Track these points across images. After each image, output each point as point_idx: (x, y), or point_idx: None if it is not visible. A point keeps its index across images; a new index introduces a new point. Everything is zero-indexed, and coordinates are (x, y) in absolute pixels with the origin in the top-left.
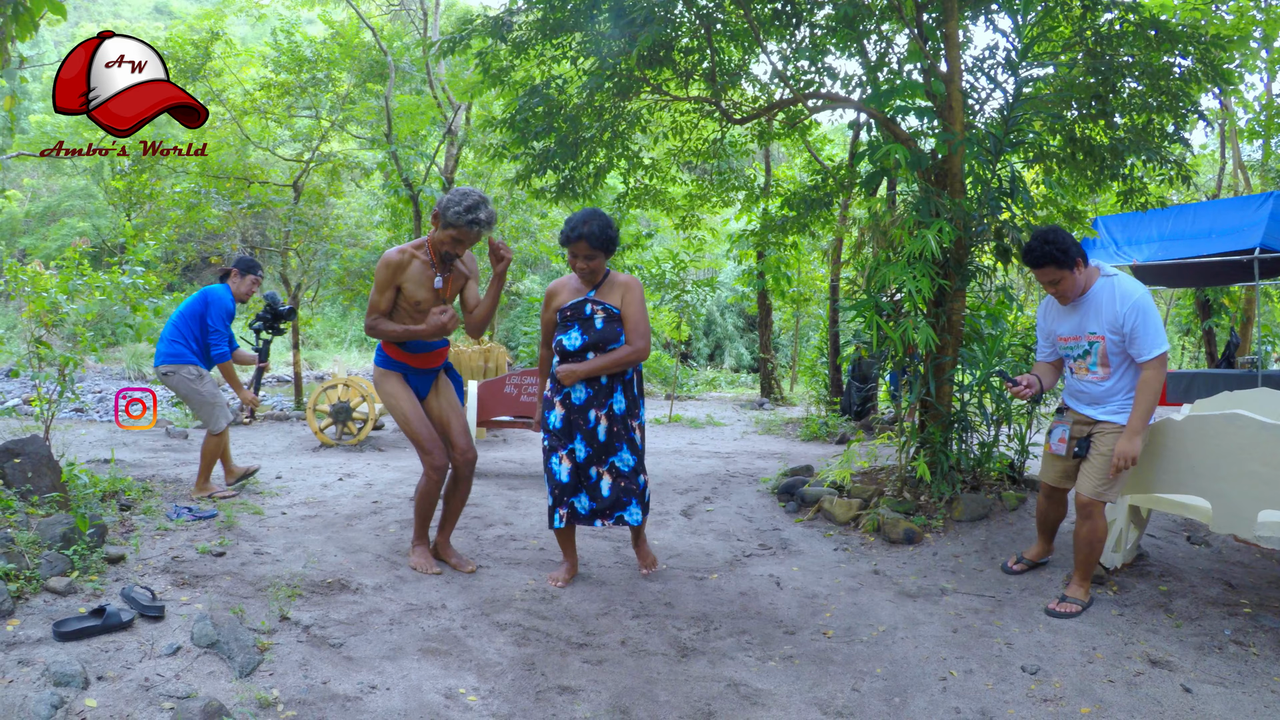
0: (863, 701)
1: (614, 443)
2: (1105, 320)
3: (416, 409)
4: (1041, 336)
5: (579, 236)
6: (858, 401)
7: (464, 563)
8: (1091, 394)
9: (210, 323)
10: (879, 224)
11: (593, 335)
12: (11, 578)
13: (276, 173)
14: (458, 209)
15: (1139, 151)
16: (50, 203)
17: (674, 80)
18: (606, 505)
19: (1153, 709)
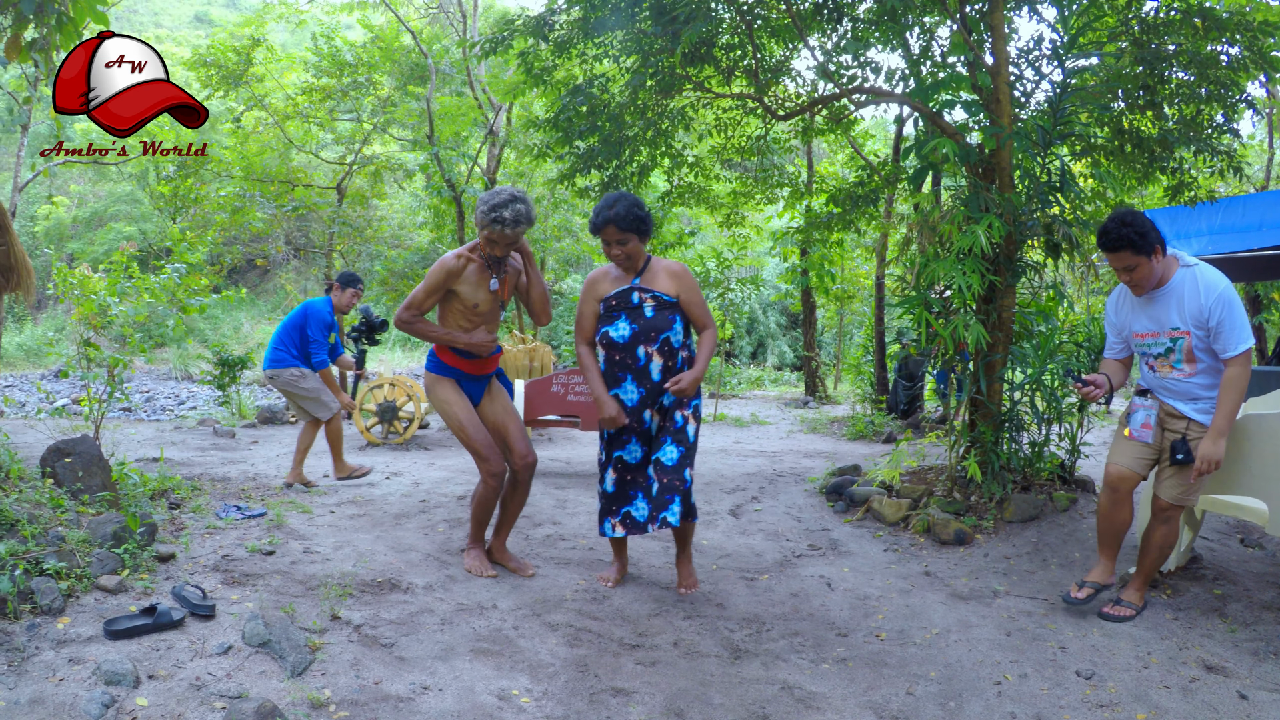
0: (918, 706)
1: (662, 437)
2: (1189, 314)
3: (471, 415)
4: (1111, 331)
5: (605, 221)
6: (904, 400)
7: (523, 566)
8: (1179, 391)
9: (310, 333)
10: (927, 219)
11: (642, 324)
12: (62, 576)
13: (320, 175)
14: (483, 208)
15: (1189, 143)
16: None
17: (716, 77)
18: (655, 507)
19: (1209, 716)
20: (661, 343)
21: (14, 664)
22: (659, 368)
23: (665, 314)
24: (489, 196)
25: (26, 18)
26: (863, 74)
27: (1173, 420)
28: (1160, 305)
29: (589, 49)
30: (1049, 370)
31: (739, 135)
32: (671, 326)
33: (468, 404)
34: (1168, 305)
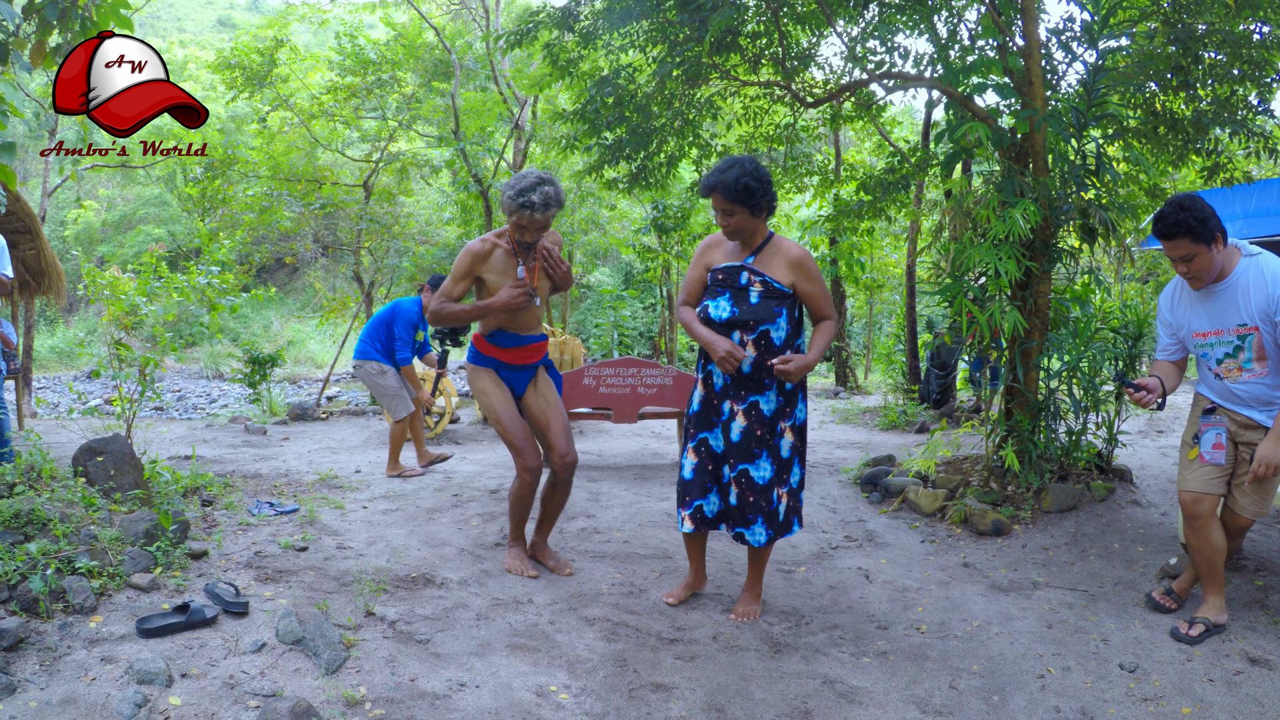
0: (961, 700)
1: (751, 447)
2: (1256, 307)
3: (508, 406)
4: (1165, 331)
5: (711, 187)
6: (937, 390)
7: (561, 565)
8: (1251, 396)
9: (395, 330)
10: (962, 205)
11: (743, 310)
12: (94, 574)
13: (346, 174)
14: (510, 194)
15: (1223, 124)
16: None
17: (742, 66)
18: (730, 514)
19: (1254, 710)
20: (760, 335)
21: (46, 664)
22: (751, 360)
23: (771, 304)
24: (515, 181)
25: (51, 24)
26: (890, 59)
27: (1247, 432)
28: (1222, 301)
29: (614, 40)
30: (1086, 357)
31: (767, 124)
32: (774, 320)
33: (506, 395)
34: (1231, 300)
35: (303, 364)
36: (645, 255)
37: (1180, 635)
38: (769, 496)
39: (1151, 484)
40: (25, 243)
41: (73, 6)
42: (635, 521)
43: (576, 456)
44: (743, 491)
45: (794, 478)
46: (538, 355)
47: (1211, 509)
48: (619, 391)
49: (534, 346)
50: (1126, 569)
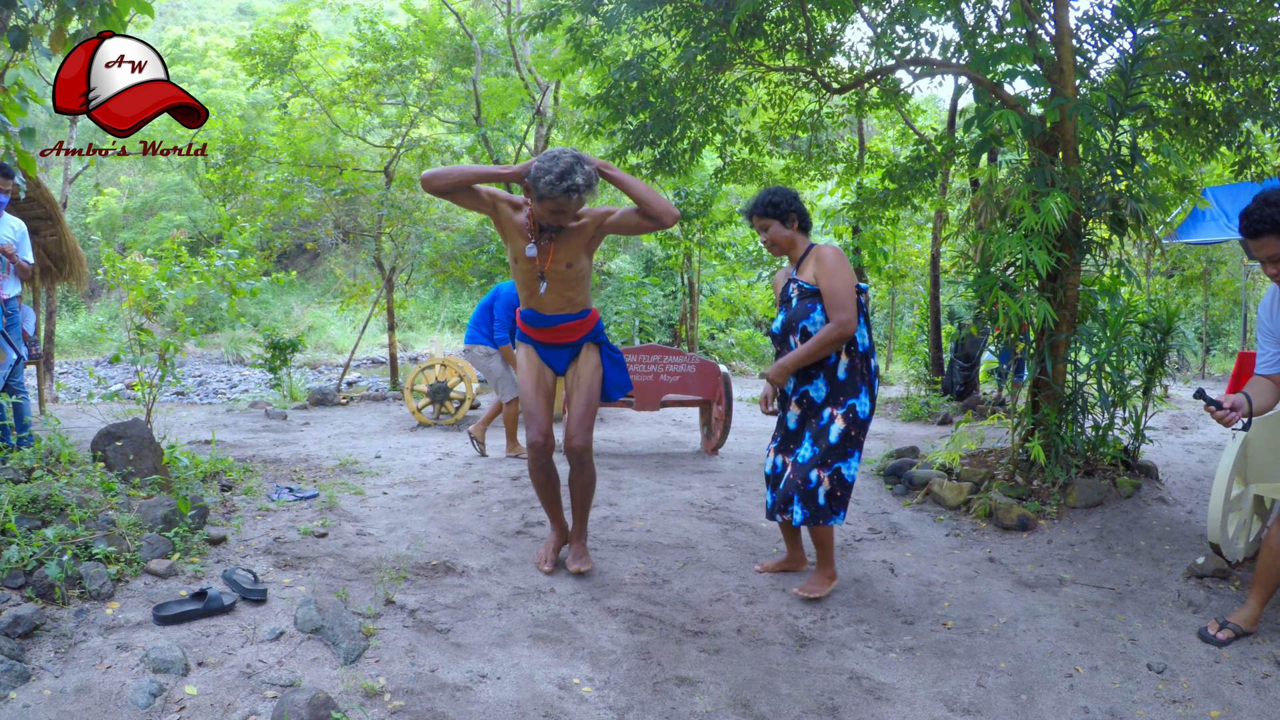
0: (989, 698)
1: (803, 430)
2: None
3: (530, 380)
4: (1267, 340)
5: (746, 212)
6: (960, 381)
7: (576, 560)
8: None
9: (495, 313)
10: (991, 194)
11: (787, 316)
12: (111, 560)
13: (367, 159)
14: (549, 178)
15: (1254, 116)
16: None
17: (767, 51)
18: (780, 499)
19: None
20: (801, 332)
21: (61, 651)
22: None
23: (805, 303)
24: (548, 164)
25: (71, 10)
26: (917, 46)
27: None
28: None
29: (638, 24)
30: (1115, 351)
31: (792, 110)
32: (809, 315)
33: (536, 368)
34: None
35: (323, 349)
36: (667, 243)
37: (1209, 637)
38: (806, 475)
39: (1178, 481)
40: (46, 229)
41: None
42: (658, 510)
43: (585, 442)
44: (790, 474)
45: (845, 467)
46: (572, 335)
47: None
48: (642, 379)
49: (565, 326)
50: (1153, 567)
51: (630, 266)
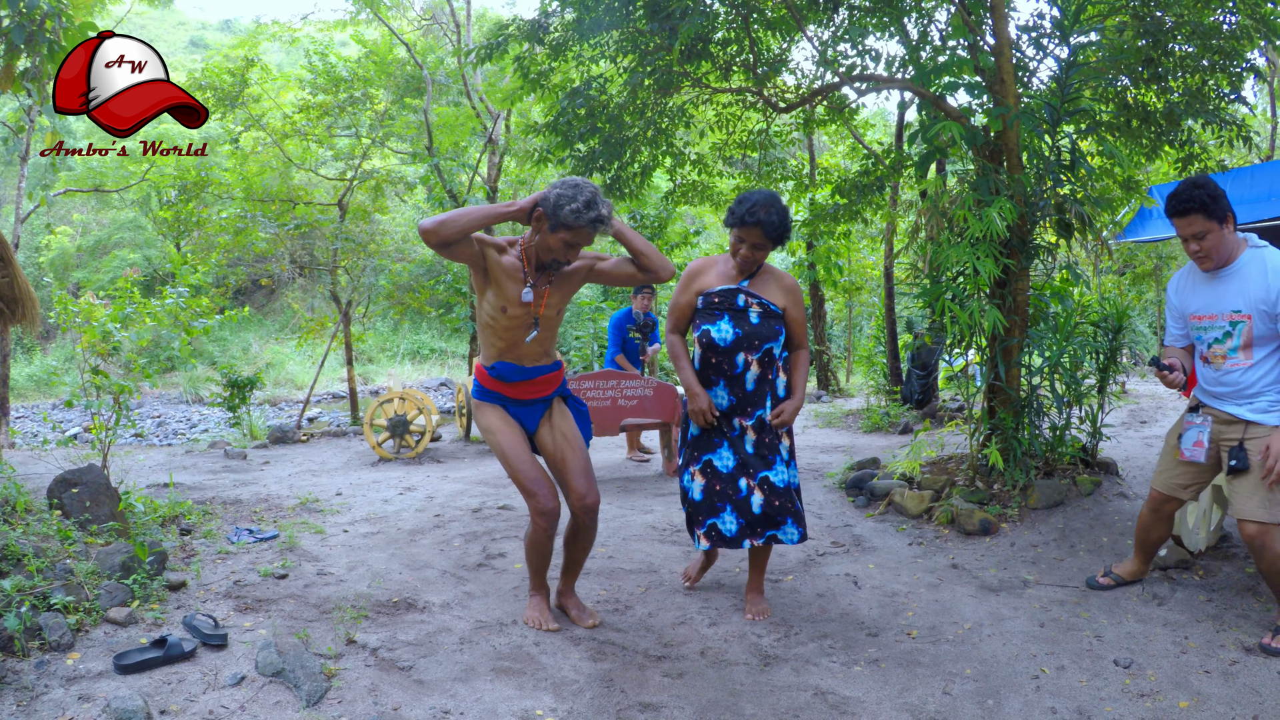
0: (955, 705)
1: (765, 454)
2: (1254, 296)
3: (517, 444)
4: (1172, 317)
5: (755, 223)
6: (918, 390)
7: (585, 616)
8: (1235, 385)
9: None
10: (937, 205)
11: (746, 330)
12: (70, 610)
13: (320, 192)
14: (575, 206)
15: (1195, 114)
16: (100, 236)
17: (714, 74)
18: (758, 522)
19: (1251, 699)
20: (764, 353)
21: (23, 704)
22: (754, 377)
23: (772, 323)
24: (570, 193)
25: (19, 47)
26: (862, 62)
27: (1227, 429)
28: (1222, 286)
29: (585, 50)
30: (1067, 353)
31: (740, 130)
32: (777, 338)
33: (514, 431)
34: (1231, 287)
35: (283, 385)
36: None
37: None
38: (792, 498)
39: (1137, 475)
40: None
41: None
42: (619, 536)
43: (598, 497)
44: (768, 496)
45: (795, 480)
46: (549, 388)
47: (1172, 510)
48: (599, 404)
49: (543, 380)
50: (1116, 562)
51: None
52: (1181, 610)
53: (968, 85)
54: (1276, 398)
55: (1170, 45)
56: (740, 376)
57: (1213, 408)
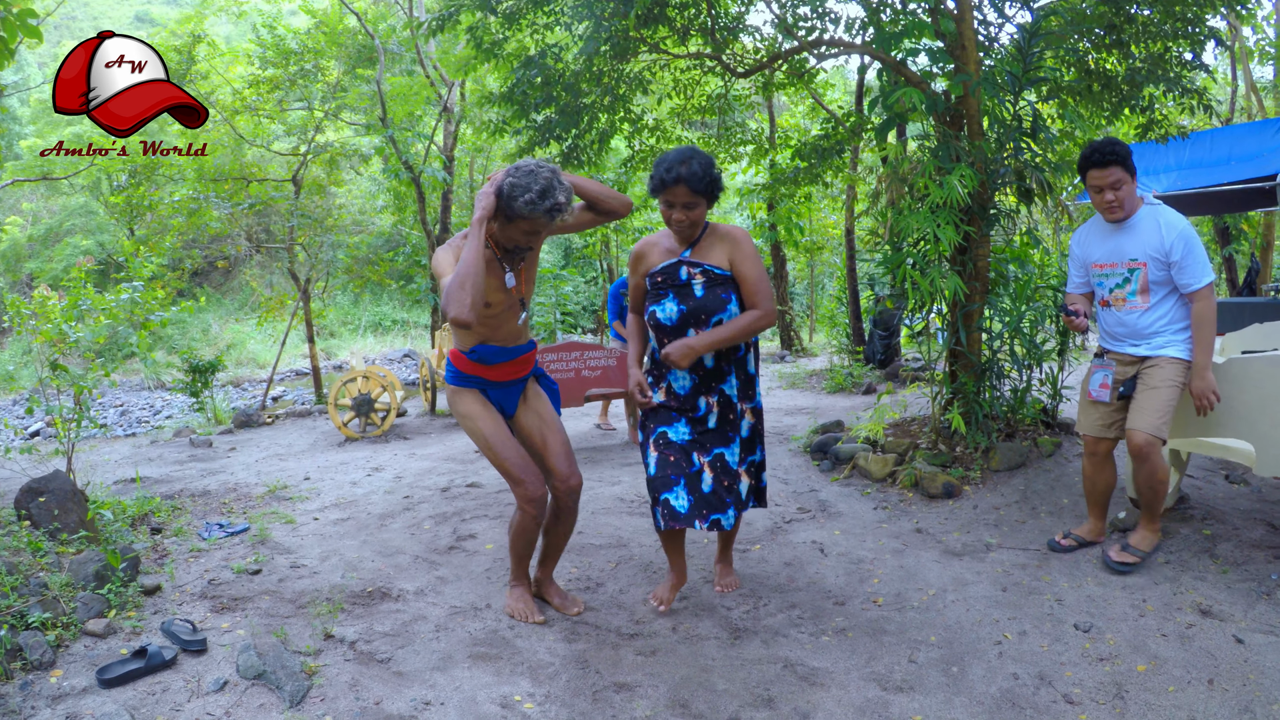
0: (921, 673)
1: (726, 431)
2: (1150, 247)
3: (500, 430)
4: (1075, 266)
5: (676, 179)
6: (881, 350)
7: (569, 603)
8: (1131, 326)
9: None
10: (898, 171)
11: (692, 305)
12: (49, 626)
13: (274, 168)
14: (529, 197)
15: (1157, 81)
16: (51, 224)
17: (671, 38)
18: (704, 502)
19: (1207, 663)
20: (714, 325)
21: None
22: (712, 354)
23: (717, 291)
24: (525, 180)
25: None
26: (821, 25)
27: (1124, 368)
28: (1122, 237)
29: (539, 18)
30: (1027, 317)
31: (699, 95)
32: (725, 307)
33: (495, 417)
34: (1129, 238)
35: (245, 365)
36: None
37: (1111, 562)
38: (737, 482)
39: None
40: None
41: None
42: (588, 510)
43: (581, 479)
44: (717, 476)
45: (756, 455)
46: (527, 368)
47: (1107, 450)
48: (563, 376)
49: (522, 359)
50: (1077, 524)
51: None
52: (1141, 572)
53: (929, 51)
54: (1170, 337)
55: (1131, 10)
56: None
57: (1114, 351)
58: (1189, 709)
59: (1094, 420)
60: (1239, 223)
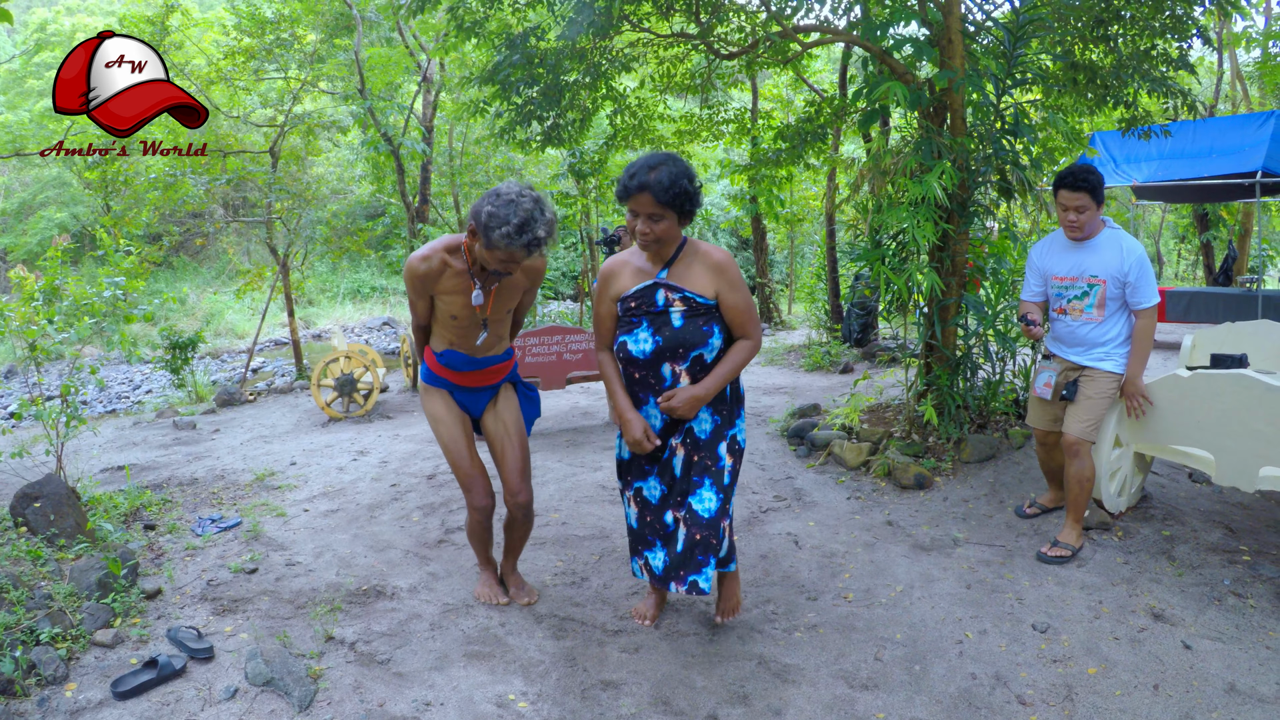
0: (885, 671)
1: (691, 476)
2: (1112, 266)
3: (457, 436)
4: (1034, 275)
5: (640, 186)
6: (858, 330)
7: (524, 593)
8: (1081, 337)
9: None
10: (879, 165)
11: (668, 336)
12: (59, 640)
13: (250, 138)
14: (506, 230)
15: (1142, 78)
16: (24, 197)
17: (654, 14)
18: (680, 562)
19: (1155, 667)
20: (693, 360)
21: None
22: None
23: (699, 323)
24: (506, 211)
25: None
26: (808, 3)
27: (1069, 372)
28: (1084, 254)
29: None
30: (1002, 316)
31: (682, 72)
32: (706, 341)
33: (456, 421)
34: (1090, 256)
35: (224, 335)
36: (563, 201)
37: (1044, 557)
38: (717, 533)
39: None
40: None
41: None
42: (571, 498)
43: (530, 496)
44: (690, 531)
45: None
46: (497, 377)
47: (1055, 441)
48: (545, 360)
49: (492, 370)
50: (1043, 521)
51: None
52: (1099, 573)
53: (913, 41)
54: (1111, 350)
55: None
56: (670, 390)
57: (1060, 356)
58: (1133, 713)
59: (1042, 415)
60: (1218, 209)
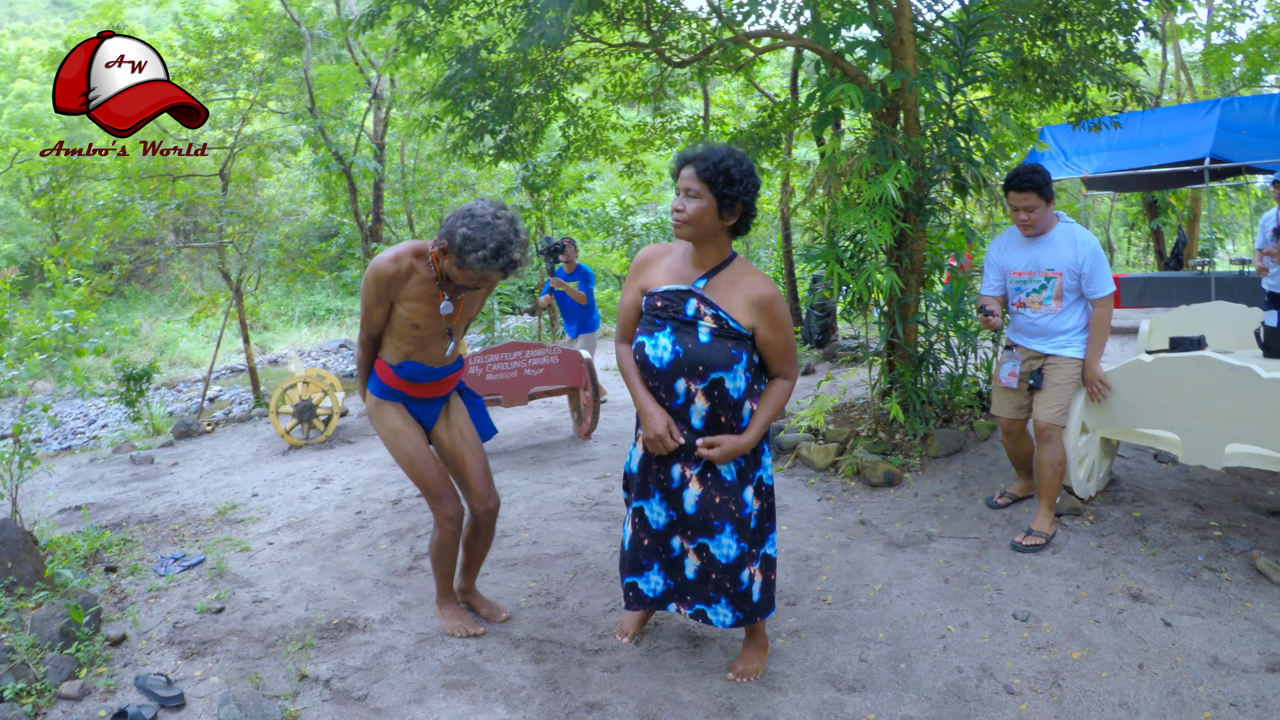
0: (872, 672)
1: (710, 518)
2: (1066, 260)
3: (420, 447)
4: (992, 270)
5: (686, 160)
6: (818, 331)
7: (495, 612)
8: (1042, 328)
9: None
10: (834, 167)
11: (689, 350)
12: (23, 696)
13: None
14: (482, 254)
15: (1091, 71)
16: None
17: (605, 24)
18: (690, 589)
19: (1137, 647)
20: (712, 384)
21: None
22: (703, 414)
23: (727, 345)
24: (479, 235)
25: None
26: (758, 9)
27: (1032, 362)
28: (1040, 249)
29: (470, 10)
30: (963, 311)
31: (634, 81)
32: (730, 367)
33: (416, 433)
34: (1046, 251)
35: (179, 364)
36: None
37: (1019, 546)
38: (736, 577)
39: None
40: None
41: None
42: (540, 516)
43: (499, 500)
44: (704, 566)
45: (770, 549)
46: (451, 386)
47: (1020, 429)
48: (506, 376)
49: (448, 379)
50: (1013, 509)
51: None
52: (1074, 558)
53: (865, 43)
54: (1072, 338)
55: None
56: (682, 410)
57: (1023, 346)
58: (1120, 694)
59: (1006, 405)
60: (1167, 195)
